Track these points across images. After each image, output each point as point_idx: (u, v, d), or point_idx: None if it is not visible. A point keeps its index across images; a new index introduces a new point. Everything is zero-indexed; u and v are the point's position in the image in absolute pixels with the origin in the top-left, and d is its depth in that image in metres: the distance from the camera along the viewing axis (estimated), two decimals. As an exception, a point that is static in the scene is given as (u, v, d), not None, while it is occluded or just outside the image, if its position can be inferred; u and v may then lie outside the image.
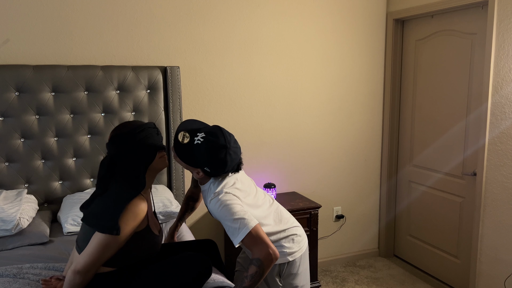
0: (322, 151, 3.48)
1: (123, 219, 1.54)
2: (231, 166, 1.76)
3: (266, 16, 3.13)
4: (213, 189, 1.78)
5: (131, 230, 1.57)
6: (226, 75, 3.08)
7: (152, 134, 1.70)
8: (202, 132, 1.75)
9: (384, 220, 3.74)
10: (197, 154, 1.73)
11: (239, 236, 1.65)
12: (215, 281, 1.78)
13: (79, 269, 1.53)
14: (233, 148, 1.76)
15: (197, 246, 1.99)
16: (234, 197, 1.75)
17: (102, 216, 1.55)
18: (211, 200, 1.76)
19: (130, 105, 2.74)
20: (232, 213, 1.68)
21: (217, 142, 1.72)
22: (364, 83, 3.54)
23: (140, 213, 1.59)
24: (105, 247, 1.53)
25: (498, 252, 2.74)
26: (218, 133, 1.75)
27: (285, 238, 1.90)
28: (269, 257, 1.63)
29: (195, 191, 2.18)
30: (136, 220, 1.58)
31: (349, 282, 3.35)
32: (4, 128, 2.47)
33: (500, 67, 2.63)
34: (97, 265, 1.56)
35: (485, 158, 2.77)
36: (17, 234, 2.20)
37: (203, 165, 1.74)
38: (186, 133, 1.76)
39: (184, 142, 1.74)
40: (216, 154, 1.72)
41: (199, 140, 1.73)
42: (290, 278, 1.92)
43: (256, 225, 1.66)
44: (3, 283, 1.75)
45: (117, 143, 1.66)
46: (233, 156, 1.76)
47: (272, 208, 1.93)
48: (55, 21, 2.61)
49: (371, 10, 3.47)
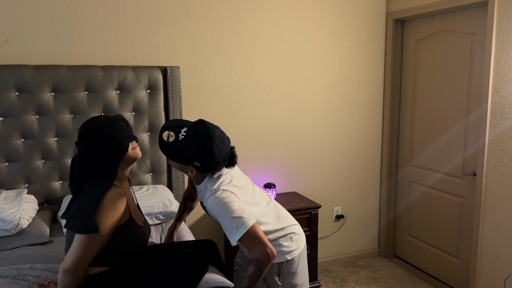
0: (322, 151, 3.48)
1: (101, 214, 1.52)
2: (220, 157, 1.73)
3: (266, 16, 3.13)
4: (210, 187, 1.75)
5: (112, 224, 1.55)
6: (226, 75, 3.08)
7: (121, 126, 1.67)
8: (185, 127, 1.74)
9: (384, 220, 3.74)
10: (184, 150, 1.71)
11: (237, 235, 1.62)
12: (215, 281, 1.78)
13: (67, 268, 1.53)
14: (219, 138, 1.73)
15: (197, 246, 1.99)
16: (232, 194, 1.73)
17: (79, 217, 1.53)
18: (208, 198, 1.73)
19: (130, 105, 2.74)
20: (230, 211, 1.65)
21: (200, 133, 1.70)
22: (364, 83, 3.54)
23: (118, 204, 1.57)
24: (88, 245, 1.52)
25: (498, 252, 2.74)
26: (201, 125, 1.73)
27: (283, 237, 1.88)
28: (267, 256, 1.61)
29: (193, 191, 2.17)
30: (115, 212, 1.56)
31: (349, 282, 3.35)
32: (4, 128, 2.47)
33: (500, 67, 2.63)
34: (85, 261, 1.54)
35: (485, 158, 2.77)
36: (17, 234, 2.20)
37: (192, 160, 1.72)
38: (170, 131, 1.74)
39: (170, 140, 1.73)
40: (201, 145, 1.69)
41: (182, 135, 1.72)
42: (289, 277, 1.91)
43: (254, 223, 1.64)
44: (3, 284, 1.75)
45: (86, 140, 1.63)
46: (220, 147, 1.72)
47: (269, 206, 1.91)
48: (55, 21, 2.61)
49: (371, 10, 3.47)
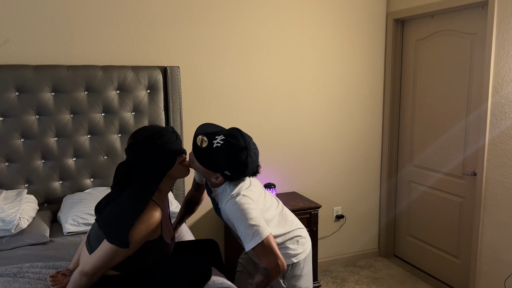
0: (322, 151, 3.48)
1: (134, 231, 1.51)
2: (251, 168, 1.72)
3: (266, 16, 3.13)
4: (229, 191, 1.74)
5: (142, 240, 1.55)
6: (226, 75, 3.08)
7: (170, 139, 1.66)
8: (221, 135, 1.70)
9: (384, 220, 3.74)
10: (218, 158, 1.68)
11: (251, 243, 1.64)
12: (215, 282, 1.78)
13: (87, 271, 1.53)
14: (253, 150, 1.71)
15: (198, 246, 1.99)
16: (251, 200, 1.72)
17: (113, 226, 1.53)
18: (227, 201, 1.71)
19: (130, 105, 2.74)
20: (248, 218, 1.65)
21: (238, 144, 1.67)
22: (364, 83, 3.54)
23: (153, 223, 1.56)
24: (114, 255, 1.53)
25: (498, 252, 2.74)
26: (238, 134, 1.70)
27: (290, 240, 1.90)
28: (277, 268, 1.63)
29: (195, 194, 2.17)
30: (148, 230, 1.55)
31: (349, 282, 3.35)
32: (4, 128, 2.47)
33: (500, 67, 2.63)
34: (105, 269, 1.56)
35: (485, 158, 2.77)
36: (17, 234, 2.20)
37: (224, 168, 1.69)
38: (204, 137, 1.71)
39: (203, 146, 1.69)
40: (237, 156, 1.67)
41: (218, 143, 1.68)
42: (293, 280, 1.92)
43: (269, 234, 1.65)
44: (3, 282, 1.75)
45: (135, 150, 1.63)
46: (254, 158, 1.71)
47: (277, 210, 1.93)
48: (55, 21, 2.61)
49: (371, 10, 3.47)
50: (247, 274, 2.08)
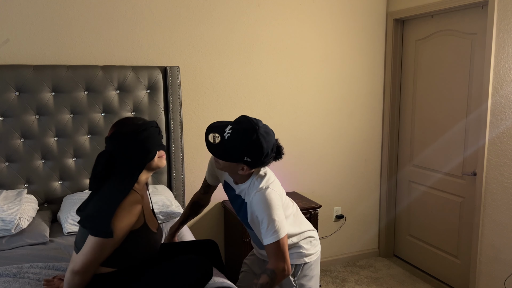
0: (322, 151, 3.48)
1: (117, 219, 1.52)
2: (268, 148, 1.70)
3: (266, 16, 3.13)
4: (258, 184, 1.76)
5: (126, 229, 1.56)
6: (226, 75, 3.08)
7: (153, 133, 1.69)
8: (229, 125, 1.72)
9: (384, 220, 3.74)
10: (231, 147, 1.69)
11: (269, 239, 1.68)
12: (215, 282, 1.78)
13: (77, 269, 1.53)
14: (263, 129, 1.71)
15: (198, 246, 1.99)
16: (279, 196, 1.77)
17: (95, 219, 1.54)
18: (256, 193, 1.73)
19: (130, 105, 2.74)
20: (274, 213, 1.69)
21: (244, 127, 1.68)
22: (364, 83, 3.54)
23: (134, 210, 1.58)
24: (101, 248, 1.53)
25: (498, 252, 2.74)
26: (243, 119, 1.72)
27: (304, 240, 1.95)
28: (283, 272, 1.68)
29: (203, 197, 2.17)
30: (130, 218, 1.56)
31: (349, 282, 3.35)
32: (4, 128, 2.47)
33: (500, 67, 2.63)
34: (95, 264, 1.55)
35: (485, 158, 2.77)
36: (17, 234, 2.20)
37: (242, 155, 1.69)
38: (215, 133, 1.72)
39: (216, 142, 1.71)
40: (247, 138, 1.67)
41: (228, 133, 1.69)
42: (304, 280, 1.96)
43: (285, 236, 1.70)
44: (3, 282, 1.75)
45: (118, 141, 1.64)
46: (266, 137, 1.70)
47: (293, 209, 1.97)
48: (55, 21, 2.61)
49: (371, 10, 3.47)
50: (252, 274, 2.09)
